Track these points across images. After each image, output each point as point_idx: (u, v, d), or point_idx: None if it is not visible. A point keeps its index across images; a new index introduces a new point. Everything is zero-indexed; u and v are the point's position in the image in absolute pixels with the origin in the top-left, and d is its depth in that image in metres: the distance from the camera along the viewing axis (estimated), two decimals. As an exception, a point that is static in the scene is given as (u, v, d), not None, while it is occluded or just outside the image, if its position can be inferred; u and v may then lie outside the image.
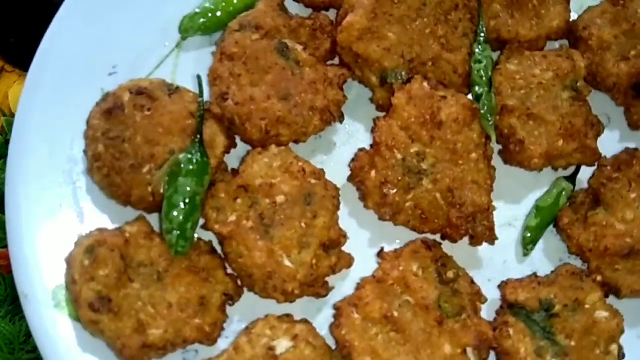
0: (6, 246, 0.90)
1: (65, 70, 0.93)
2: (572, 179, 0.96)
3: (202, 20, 0.95)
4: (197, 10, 0.95)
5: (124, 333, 0.82)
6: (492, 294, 0.91)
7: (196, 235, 0.88)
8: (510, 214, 0.96)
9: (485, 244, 0.91)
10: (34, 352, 0.93)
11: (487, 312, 0.91)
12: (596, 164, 0.95)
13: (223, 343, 0.88)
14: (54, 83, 0.92)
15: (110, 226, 0.89)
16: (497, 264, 0.94)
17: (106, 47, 0.95)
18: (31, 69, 0.93)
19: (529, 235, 0.94)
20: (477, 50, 0.92)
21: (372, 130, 0.92)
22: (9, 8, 1.12)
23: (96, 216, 0.91)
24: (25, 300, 0.85)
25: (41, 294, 0.86)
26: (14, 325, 0.95)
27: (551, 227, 0.96)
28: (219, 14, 0.95)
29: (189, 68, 0.95)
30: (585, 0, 1.00)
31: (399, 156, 0.88)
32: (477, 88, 0.92)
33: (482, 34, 0.93)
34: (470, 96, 0.92)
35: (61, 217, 0.89)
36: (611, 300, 0.90)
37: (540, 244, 0.95)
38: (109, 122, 0.86)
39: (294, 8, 0.97)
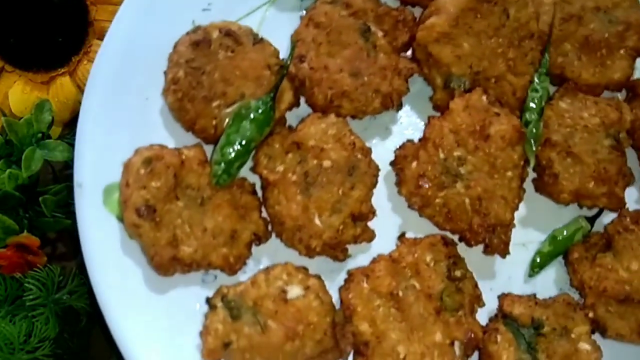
0: (6, 246, 0.96)
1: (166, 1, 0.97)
2: (592, 219, 0.98)
3: None
4: None
5: (159, 242, 0.88)
6: (490, 302, 0.94)
7: (242, 174, 0.93)
8: (527, 236, 0.98)
9: (497, 256, 0.94)
10: (34, 352, 0.93)
11: (481, 316, 0.94)
12: (618, 212, 0.97)
13: (242, 277, 0.93)
14: (157, 9, 0.96)
15: (171, 146, 0.94)
16: (502, 277, 0.97)
17: None
18: None
19: (538, 259, 0.97)
20: (536, 80, 0.95)
21: (425, 126, 0.95)
22: (9, 8, 1.08)
23: (161, 133, 0.96)
24: (79, 190, 0.91)
25: (94, 186, 0.92)
26: (14, 325, 0.95)
27: (560, 257, 0.99)
28: None
29: (275, 24, 0.99)
30: None
31: (442, 155, 0.92)
32: (528, 114, 0.95)
33: (545, 67, 0.96)
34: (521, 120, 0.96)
35: (127, 125, 0.94)
36: (596, 336, 0.93)
37: (546, 270, 0.98)
38: (194, 53, 0.91)
39: None
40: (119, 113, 0.95)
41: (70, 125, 1.15)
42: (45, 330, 0.95)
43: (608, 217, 0.98)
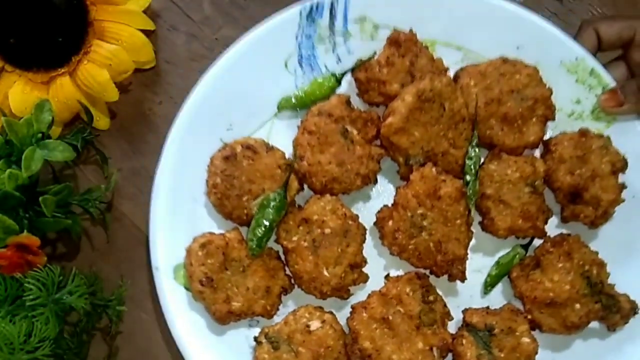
0: (6, 246, 0.91)
1: (199, 124, 1.07)
2: (526, 246, 1.07)
3: (293, 101, 1.07)
4: (291, 94, 1.09)
5: (217, 302, 0.99)
6: (457, 316, 1.05)
7: (269, 246, 1.03)
8: (481, 264, 1.08)
9: (458, 282, 1.05)
10: (34, 352, 0.88)
11: (451, 327, 1.05)
12: (543, 239, 1.05)
13: (277, 319, 1.03)
14: (193, 135, 1.07)
15: (217, 232, 1.04)
16: (465, 297, 1.08)
17: (227, 111, 1.08)
18: (177, 124, 1.06)
19: (489, 280, 1.07)
20: (470, 151, 1.04)
21: (395, 194, 1.04)
22: (9, 8, 1.00)
23: (208, 223, 1.07)
24: (156, 272, 1.03)
25: (166, 268, 1.04)
26: (14, 325, 0.88)
27: (506, 277, 1.08)
28: (305, 99, 1.08)
29: (280, 132, 1.09)
30: (560, 124, 1.10)
31: (409, 214, 1.01)
32: (467, 177, 1.03)
33: (475, 140, 1.04)
34: (462, 181, 1.04)
35: (184, 221, 1.06)
36: (535, 333, 1.03)
37: (496, 288, 1.09)
38: (225, 164, 1.01)
39: (356, 101, 1.09)
40: (178, 213, 1.05)
41: (70, 125, 1.10)
42: (46, 330, 0.89)
43: (538, 242, 1.07)
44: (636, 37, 1.06)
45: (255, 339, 1.00)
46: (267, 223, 1.01)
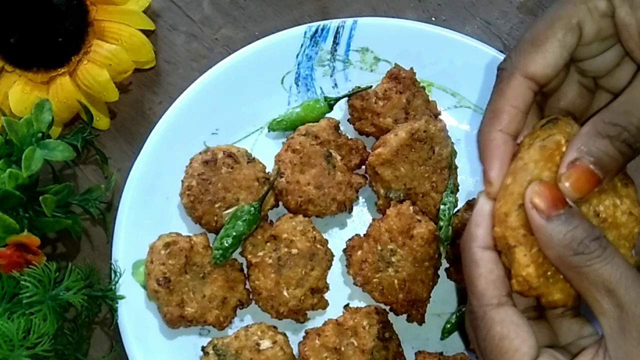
0: (5, 245, 0.90)
1: (186, 124, 1.06)
2: None
3: (284, 123, 1.07)
4: (282, 115, 1.08)
5: (170, 304, 0.96)
6: (410, 357, 1.02)
7: (234, 257, 1.01)
8: (441, 309, 1.05)
9: (416, 324, 1.02)
10: (34, 349, 0.87)
11: None
12: None
13: (230, 331, 1.00)
14: (177, 133, 1.06)
15: (184, 233, 1.02)
16: (421, 339, 1.04)
17: (215, 116, 1.08)
18: (163, 120, 1.05)
19: (447, 327, 1.04)
20: (445, 197, 1.04)
21: (369, 225, 1.03)
22: (9, 8, 0.99)
23: (177, 224, 1.05)
24: (115, 264, 1.01)
25: (125, 263, 1.01)
26: (12, 322, 0.86)
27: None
28: (296, 121, 1.07)
29: (265, 145, 1.08)
30: None
31: (379, 247, 0.99)
32: (440, 222, 1.02)
33: (451, 186, 1.04)
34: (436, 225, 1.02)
35: (152, 217, 1.04)
36: None
37: (454, 335, 1.05)
38: (204, 168, 1.00)
39: (345, 126, 1.09)
40: (148, 208, 1.03)
41: (70, 125, 1.09)
42: (44, 327, 0.88)
43: None
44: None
45: (203, 348, 0.98)
46: (236, 234, 0.99)
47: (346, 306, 1.02)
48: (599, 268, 0.60)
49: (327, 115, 1.08)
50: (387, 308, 1.01)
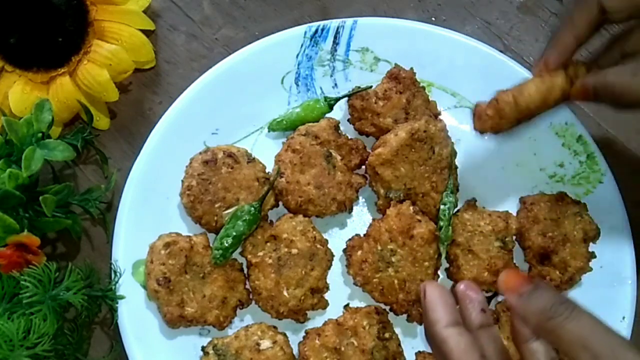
0: (5, 245, 0.90)
1: (186, 124, 1.05)
2: (488, 300, 0.95)
3: (284, 123, 1.06)
4: (282, 116, 1.07)
5: (170, 304, 0.96)
6: (410, 357, 1.00)
7: (234, 257, 1.00)
8: None
9: (416, 324, 1.02)
10: (34, 349, 0.86)
11: None
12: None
13: (230, 331, 0.99)
14: (177, 133, 1.05)
15: (184, 233, 1.01)
16: (422, 339, 1.02)
17: (214, 116, 1.07)
18: (163, 119, 1.04)
19: None
20: (445, 197, 1.03)
21: (369, 225, 1.02)
22: (9, 8, 0.98)
23: (178, 224, 1.04)
24: (115, 264, 1.00)
25: (125, 263, 1.01)
26: (12, 322, 0.86)
27: None
28: (296, 121, 1.06)
29: (265, 145, 1.07)
30: (539, 184, 1.08)
31: (379, 247, 0.98)
32: (440, 222, 1.02)
33: (451, 186, 1.03)
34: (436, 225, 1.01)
35: (152, 217, 1.03)
36: None
37: None
38: (204, 168, 0.99)
39: (345, 126, 1.08)
40: (148, 208, 1.03)
41: (70, 125, 1.09)
42: (44, 327, 0.87)
43: (501, 297, 1.01)
44: None
45: (203, 348, 0.97)
46: (236, 234, 0.98)
47: (346, 306, 1.01)
48: (571, 328, 0.65)
49: (327, 115, 1.07)
50: (387, 308, 1.01)
